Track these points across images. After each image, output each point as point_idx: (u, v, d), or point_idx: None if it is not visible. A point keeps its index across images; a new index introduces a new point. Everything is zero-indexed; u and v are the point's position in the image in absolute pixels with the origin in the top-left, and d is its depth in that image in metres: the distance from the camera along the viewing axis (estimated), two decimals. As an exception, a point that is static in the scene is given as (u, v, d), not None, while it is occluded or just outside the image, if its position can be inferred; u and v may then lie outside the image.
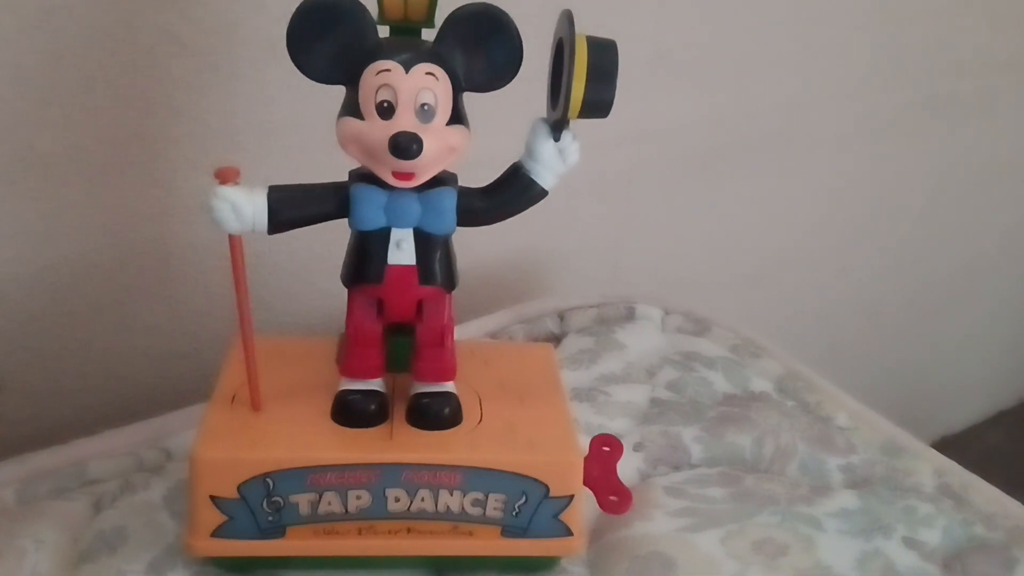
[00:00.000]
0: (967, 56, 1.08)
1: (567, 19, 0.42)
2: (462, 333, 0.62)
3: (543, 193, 0.45)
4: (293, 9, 0.43)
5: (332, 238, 0.47)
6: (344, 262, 0.46)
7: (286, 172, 0.64)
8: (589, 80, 0.41)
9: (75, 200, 0.60)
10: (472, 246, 0.49)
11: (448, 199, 0.44)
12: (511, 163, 0.45)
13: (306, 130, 0.65)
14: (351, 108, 0.42)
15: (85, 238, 0.62)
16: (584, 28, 0.42)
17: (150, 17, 0.58)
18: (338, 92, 0.44)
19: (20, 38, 0.55)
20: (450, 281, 0.46)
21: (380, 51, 0.42)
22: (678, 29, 0.83)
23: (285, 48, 0.61)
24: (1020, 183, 1.28)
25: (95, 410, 0.65)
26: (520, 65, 0.43)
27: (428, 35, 0.44)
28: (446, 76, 0.42)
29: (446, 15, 0.43)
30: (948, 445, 1.29)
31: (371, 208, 0.43)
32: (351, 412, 0.46)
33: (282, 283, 0.70)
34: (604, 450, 0.47)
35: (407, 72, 0.42)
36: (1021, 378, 1.53)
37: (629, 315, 0.73)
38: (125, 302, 0.65)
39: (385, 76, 0.41)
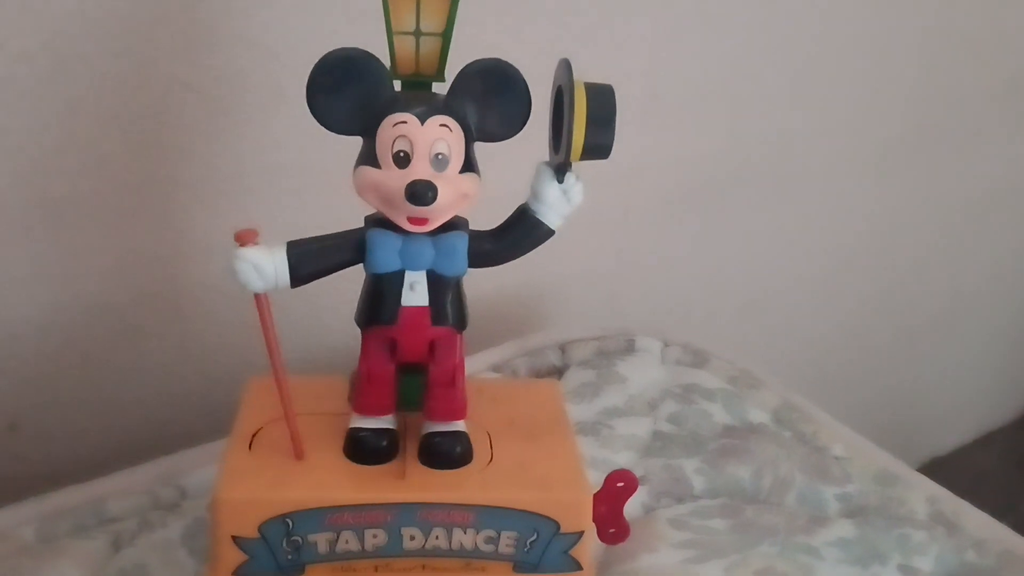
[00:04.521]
0: (953, 89, 1.10)
1: (566, 67, 0.44)
2: (466, 366, 0.63)
3: (550, 233, 0.47)
4: (301, 57, 0.44)
5: (339, 275, 0.48)
6: (358, 304, 0.47)
7: (294, 212, 0.67)
8: (589, 125, 0.43)
9: (89, 243, 0.62)
10: (474, 279, 0.50)
11: (460, 242, 0.45)
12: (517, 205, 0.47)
13: (313, 172, 0.66)
14: (368, 158, 0.44)
15: (98, 280, 0.63)
16: (581, 69, 0.44)
17: (163, 66, 0.60)
18: (344, 137, 0.45)
19: (36, 88, 0.56)
20: (461, 321, 0.47)
21: (396, 104, 0.44)
22: (671, 68, 0.85)
23: (292, 94, 0.63)
24: (1006, 212, 1.30)
25: (109, 449, 0.66)
26: (528, 116, 0.45)
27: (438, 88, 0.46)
28: (459, 127, 0.44)
29: (457, 70, 0.44)
30: (939, 467, 1.31)
31: (387, 252, 0.45)
32: (363, 449, 0.47)
33: (289, 321, 0.71)
34: (618, 486, 0.48)
35: (423, 124, 0.43)
36: (1010, 400, 1.55)
37: (629, 347, 0.74)
38: (138, 342, 0.66)
39: (402, 128, 0.43)
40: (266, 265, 0.43)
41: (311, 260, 0.45)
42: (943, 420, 1.42)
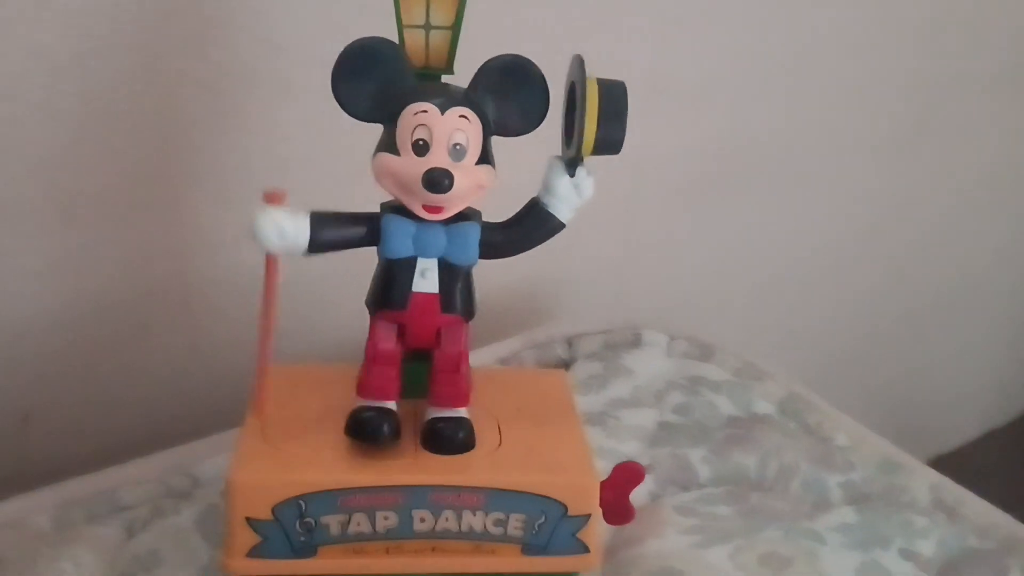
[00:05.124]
0: (956, 74, 1.11)
1: (579, 63, 0.45)
2: (473, 359, 0.64)
3: (560, 226, 0.48)
4: (309, 52, 0.45)
5: (348, 267, 0.49)
6: (370, 288, 0.48)
7: (302, 206, 0.67)
8: (601, 120, 0.44)
9: (100, 237, 0.62)
10: (482, 272, 0.51)
11: (473, 233, 0.47)
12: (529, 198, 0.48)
13: (321, 165, 0.67)
14: (388, 145, 0.45)
15: (109, 274, 0.64)
16: (586, 61, 0.45)
17: (173, 61, 0.60)
18: (351, 130, 0.46)
19: (51, 82, 0.57)
20: (469, 310, 0.48)
21: (417, 93, 0.45)
22: (675, 59, 0.85)
23: (300, 89, 0.64)
24: (1009, 202, 1.30)
25: (120, 440, 0.66)
26: (547, 113, 0.46)
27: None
28: (477, 119, 0.45)
29: (478, 65, 0.45)
30: (942, 464, 1.31)
31: (401, 237, 0.46)
32: (364, 429, 0.47)
33: (299, 310, 0.71)
34: (626, 476, 0.48)
35: (443, 114, 0.44)
36: (1012, 397, 1.55)
37: (636, 341, 0.75)
38: (147, 335, 0.67)
39: (422, 116, 0.44)
40: (288, 225, 0.44)
41: (330, 229, 0.46)
42: (947, 416, 1.43)
